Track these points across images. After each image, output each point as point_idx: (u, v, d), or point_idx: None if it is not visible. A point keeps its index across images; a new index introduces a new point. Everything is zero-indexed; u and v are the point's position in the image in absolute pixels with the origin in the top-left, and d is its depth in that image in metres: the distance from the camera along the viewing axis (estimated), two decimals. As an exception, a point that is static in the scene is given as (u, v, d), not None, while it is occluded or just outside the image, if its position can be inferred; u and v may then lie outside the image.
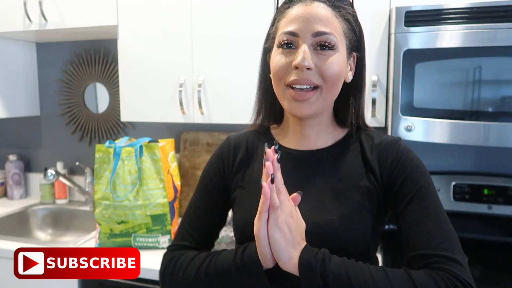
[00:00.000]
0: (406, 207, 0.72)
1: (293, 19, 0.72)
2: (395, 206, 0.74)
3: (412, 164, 0.75)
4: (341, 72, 0.73)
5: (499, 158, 1.55)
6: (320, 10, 0.71)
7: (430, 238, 0.68)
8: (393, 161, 0.76)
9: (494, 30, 1.16)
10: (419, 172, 0.75)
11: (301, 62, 0.69)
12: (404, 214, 0.72)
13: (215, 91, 1.54)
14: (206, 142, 1.87)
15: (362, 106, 0.83)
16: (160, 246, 1.50)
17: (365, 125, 0.84)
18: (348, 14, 0.75)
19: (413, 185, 0.73)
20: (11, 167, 2.15)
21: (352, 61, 0.78)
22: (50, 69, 2.15)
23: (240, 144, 0.86)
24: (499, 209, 1.46)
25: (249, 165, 0.84)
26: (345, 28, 0.74)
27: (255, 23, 1.46)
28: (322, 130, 0.81)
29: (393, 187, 0.75)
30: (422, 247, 0.68)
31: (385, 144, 0.78)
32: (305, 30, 0.71)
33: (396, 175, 0.75)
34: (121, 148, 1.51)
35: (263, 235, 0.64)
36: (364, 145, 0.79)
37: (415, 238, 0.70)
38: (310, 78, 0.70)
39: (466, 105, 1.22)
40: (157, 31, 1.58)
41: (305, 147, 0.81)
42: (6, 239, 1.58)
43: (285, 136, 0.84)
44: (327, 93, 0.73)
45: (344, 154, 0.80)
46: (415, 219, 0.71)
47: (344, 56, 0.74)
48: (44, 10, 1.68)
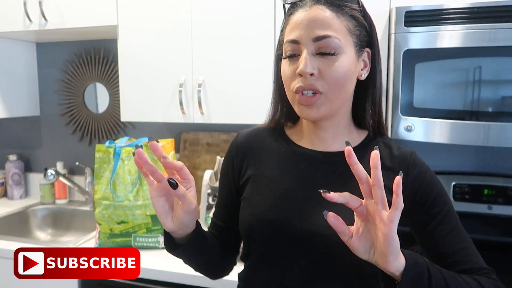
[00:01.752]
0: (437, 226, 0.76)
1: (295, 26, 0.73)
2: (422, 224, 0.77)
3: (437, 183, 0.78)
4: (347, 74, 0.72)
5: (499, 158, 1.55)
6: (319, 13, 0.71)
7: (469, 254, 0.76)
8: (417, 179, 0.77)
9: (494, 30, 1.16)
10: (444, 192, 0.78)
11: (303, 69, 0.70)
12: (436, 233, 0.76)
13: (215, 91, 1.54)
14: (206, 142, 1.87)
15: (381, 106, 0.81)
16: (160, 246, 1.50)
17: (386, 129, 0.83)
18: (352, 11, 0.73)
19: (442, 205, 0.77)
20: (11, 167, 2.15)
21: (367, 57, 0.77)
22: (50, 69, 2.15)
23: (251, 140, 0.86)
24: (499, 209, 1.46)
25: (260, 161, 0.83)
26: (350, 25, 0.72)
27: (255, 23, 1.45)
28: (339, 132, 0.79)
29: (420, 206, 0.76)
30: (465, 262, 0.74)
31: (404, 157, 0.78)
32: (305, 36, 0.71)
33: (422, 194, 0.76)
34: (121, 148, 1.51)
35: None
36: (382, 153, 0.77)
37: (456, 254, 0.75)
38: (314, 84, 0.71)
39: (466, 105, 1.21)
40: (157, 31, 1.58)
41: (321, 148, 0.80)
42: (6, 239, 1.58)
43: (301, 137, 0.83)
44: (333, 97, 0.72)
45: (362, 160, 0.78)
46: (451, 238, 0.76)
47: (351, 56, 0.72)
48: (44, 10, 1.68)
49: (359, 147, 0.80)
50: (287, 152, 0.82)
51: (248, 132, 0.89)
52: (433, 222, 0.76)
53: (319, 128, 0.79)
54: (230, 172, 0.87)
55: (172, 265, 1.36)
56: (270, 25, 1.43)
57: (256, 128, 0.89)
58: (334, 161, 0.78)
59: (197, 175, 1.85)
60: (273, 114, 0.86)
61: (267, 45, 1.44)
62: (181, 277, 1.32)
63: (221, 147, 1.84)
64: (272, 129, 0.87)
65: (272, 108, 0.86)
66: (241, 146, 0.86)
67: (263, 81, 1.45)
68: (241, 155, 0.86)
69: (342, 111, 0.78)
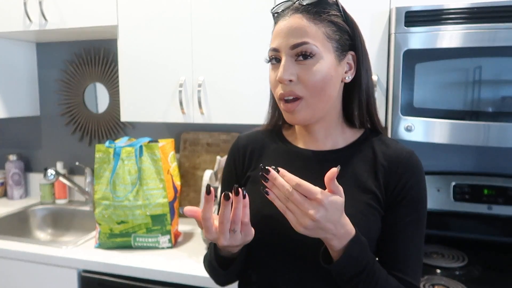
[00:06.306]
0: (396, 225, 0.77)
1: (276, 35, 0.77)
2: (384, 220, 0.79)
3: (420, 190, 0.79)
4: (326, 78, 0.74)
5: (499, 158, 1.55)
6: (297, 22, 0.74)
7: (408, 266, 0.77)
8: (402, 177, 0.77)
9: (494, 30, 1.16)
10: (421, 202, 0.79)
11: (281, 76, 0.73)
12: (392, 232, 0.78)
13: (215, 91, 1.54)
14: (206, 142, 1.87)
15: (372, 106, 0.82)
16: (160, 246, 1.50)
17: (381, 128, 0.85)
18: (331, 16, 0.75)
19: (413, 211, 0.78)
20: (11, 167, 2.15)
21: (352, 60, 0.79)
22: (50, 69, 2.15)
23: (251, 142, 0.90)
24: (499, 209, 1.46)
25: (259, 162, 0.86)
26: (329, 31, 0.74)
27: (255, 23, 1.46)
28: (330, 132, 0.82)
29: (396, 202, 0.78)
30: (400, 270, 0.76)
31: (398, 155, 0.79)
32: (284, 45, 0.74)
33: (399, 192, 0.77)
34: (121, 148, 1.51)
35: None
36: (376, 150, 0.80)
37: (395, 258, 0.77)
38: (293, 89, 0.74)
39: (466, 105, 1.21)
40: (157, 31, 1.58)
41: (314, 148, 0.83)
42: (6, 239, 1.58)
43: (297, 137, 0.87)
44: (313, 101, 0.75)
45: (352, 158, 0.81)
46: (402, 244, 0.77)
47: (330, 61, 0.74)
48: (44, 10, 1.68)
49: (352, 145, 0.82)
50: (283, 152, 0.85)
51: (248, 134, 0.92)
52: (394, 221, 0.77)
53: (310, 130, 0.83)
54: (233, 172, 0.90)
55: (172, 265, 1.36)
56: (271, 25, 1.43)
57: (255, 130, 0.93)
58: (325, 159, 0.81)
59: (197, 175, 1.85)
60: (271, 117, 0.89)
61: (267, 45, 1.44)
62: (181, 277, 1.32)
63: (221, 147, 1.84)
64: (270, 131, 0.90)
65: (269, 110, 0.90)
66: (242, 147, 0.90)
67: (263, 81, 1.45)
68: (242, 156, 0.89)
69: (331, 113, 0.80)
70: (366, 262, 0.69)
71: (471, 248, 1.48)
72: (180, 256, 1.45)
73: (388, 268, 0.75)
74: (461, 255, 1.43)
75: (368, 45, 0.84)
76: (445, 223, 1.54)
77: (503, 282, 1.27)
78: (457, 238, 1.53)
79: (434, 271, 1.32)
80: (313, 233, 0.64)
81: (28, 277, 1.47)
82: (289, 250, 0.77)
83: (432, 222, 1.49)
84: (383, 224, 0.78)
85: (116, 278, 1.39)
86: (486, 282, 1.26)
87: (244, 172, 0.88)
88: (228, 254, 0.78)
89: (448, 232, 1.54)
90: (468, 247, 1.49)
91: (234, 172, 0.90)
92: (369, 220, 0.76)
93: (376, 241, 0.78)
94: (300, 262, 0.77)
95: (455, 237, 1.54)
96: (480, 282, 1.26)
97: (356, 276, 0.68)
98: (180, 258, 1.43)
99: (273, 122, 0.89)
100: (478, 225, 1.51)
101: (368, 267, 0.69)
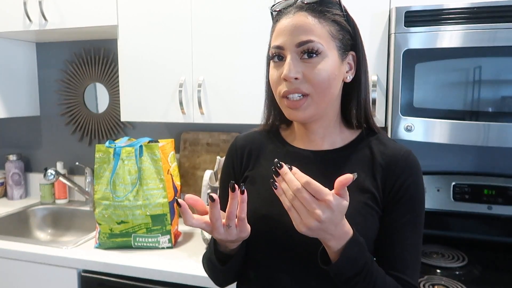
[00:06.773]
0: (393, 225, 0.77)
1: (279, 33, 0.76)
2: (382, 221, 0.79)
3: (417, 190, 0.78)
4: (330, 77, 0.74)
5: (499, 158, 1.55)
6: (302, 20, 0.74)
7: (406, 266, 0.77)
8: (399, 177, 0.77)
9: (494, 30, 1.16)
10: (419, 202, 0.79)
11: (287, 74, 0.73)
12: (389, 232, 0.77)
13: (215, 91, 1.54)
14: (206, 142, 1.87)
15: (368, 106, 0.83)
16: (160, 246, 1.50)
17: (377, 128, 0.85)
18: (335, 15, 0.76)
19: (410, 210, 0.77)
20: (11, 167, 2.15)
21: (352, 60, 0.79)
22: (50, 69, 2.15)
23: (249, 143, 0.90)
24: (499, 209, 1.46)
25: (257, 162, 0.87)
26: (332, 30, 0.75)
27: (255, 23, 1.46)
28: (329, 132, 0.83)
29: (394, 201, 0.78)
30: (398, 270, 0.76)
31: (395, 155, 0.79)
32: (289, 42, 0.74)
33: (402, 195, 0.77)
34: (121, 148, 1.51)
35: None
36: (374, 150, 0.81)
37: (393, 258, 0.77)
38: (299, 87, 0.74)
39: (466, 105, 1.21)
40: (157, 31, 1.58)
41: (312, 147, 0.83)
42: (6, 239, 1.58)
43: (295, 138, 0.87)
44: (319, 98, 0.75)
45: (350, 158, 0.81)
46: (399, 244, 0.77)
47: (334, 59, 0.75)
48: (44, 10, 1.68)
49: (350, 145, 0.83)
50: (281, 152, 0.86)
51: (246, 135, 0.93)
52: (392, 221, 0.77)
53: (308, 129, 0.83)
54: (231, 172, 0.91)
55: (172, 265, 1.36)
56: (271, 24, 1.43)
57: (253, 131, 0.93)
58: (323, 159, 0.81)
59: (197, 175, 1.85)
60: (267, 117, 0.90)
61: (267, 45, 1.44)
62: (181, 277, 1.32)
63: (221, 147, 1.84)
64: (268, 132, 0.90)
65: (265, 111, 0.90)
66: (240, 148, 0.90)
67: (263, 82, 1.44)
68: (240, 157, 0.89)
69: (330, 112, 0.81)
70: (364, 263, 0.69)
71: (471, 248, 1.48)
72: (180, 256, 1.45)
73: (386, 267, 0.75)
74: (461, 255, 1.43)
75: (368, 45, 0.85)
76: (445, 223, 1.54)
77: (503, 282, 1.27)
78: (457, 238, 1.53)
79: (434, 271, 1.32)
80: (314, 233, 0.64)
81: (28, 277, 1.47)
82: (287, 249, 0.77)
83: (432, 222, 1.50)
84: (381, 224, 0.78)
85: (116, 278, 1.39)
86: (486, 282, 1.26)
87: (242, 172, 0.88)
88: (226, 249, 0.79)
89: (448, 232, 1.54)
90: (468, 247, 1.49)
91: (232, 172, 0.90)
92: (367, 220, 0.76)
93: (374, 241, 0.78)
94: (298, 261, 0.77)
95: (455, 237, 1.54)
96: (480, 282, 1.26)
97: (354, 277, 0.68)
98: (180, 258, 1.43)
99: (269, 122, 0.90)
100: (478, 225, 1.51)
101: (366, 267, 0.69)
